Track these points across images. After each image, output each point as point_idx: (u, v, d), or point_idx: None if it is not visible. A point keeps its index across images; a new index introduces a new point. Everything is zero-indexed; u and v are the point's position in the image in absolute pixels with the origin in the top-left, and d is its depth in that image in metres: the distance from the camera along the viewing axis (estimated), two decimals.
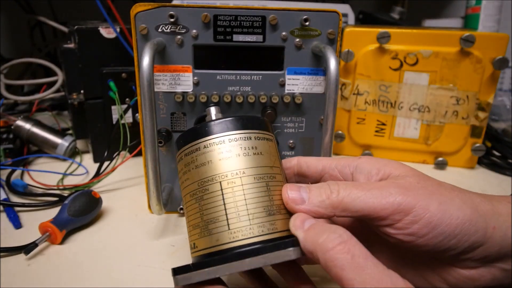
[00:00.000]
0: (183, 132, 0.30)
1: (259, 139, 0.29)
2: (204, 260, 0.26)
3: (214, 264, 0.25)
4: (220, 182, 0.27)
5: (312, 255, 0.24)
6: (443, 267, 0.27)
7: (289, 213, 0.28)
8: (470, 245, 0.25)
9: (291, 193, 0.27)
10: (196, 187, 0.28)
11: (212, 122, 0.29)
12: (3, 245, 0.39)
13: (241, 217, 0.26)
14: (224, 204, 0.27)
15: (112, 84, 0.57)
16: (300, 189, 0.27)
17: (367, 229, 0.29)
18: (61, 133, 0.64)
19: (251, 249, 0.25)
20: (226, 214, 0.26)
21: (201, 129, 0.29)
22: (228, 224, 0.26)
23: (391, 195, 0.25)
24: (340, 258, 0.22)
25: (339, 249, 0.22)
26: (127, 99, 0.59)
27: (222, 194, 0.27)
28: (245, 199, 0.27)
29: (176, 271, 0.27)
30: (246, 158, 0.28)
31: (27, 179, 0.55)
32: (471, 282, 0.27)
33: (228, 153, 0.27)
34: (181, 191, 0.30)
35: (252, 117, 0.30)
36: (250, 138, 0.28)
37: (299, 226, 0.26)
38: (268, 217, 0.27)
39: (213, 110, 0.33)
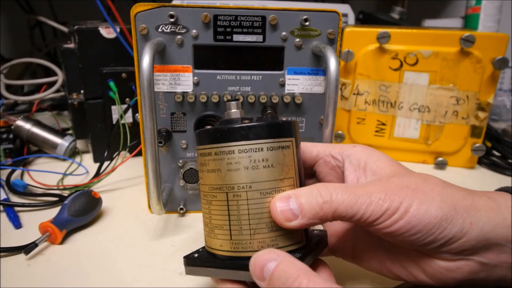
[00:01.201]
0: (202, 129, 0.29)
1: (272, 150, 0.27)
2: (208, 259, 0.29)
3: (215, 267, 0.28)
4: (227, 193, 0.27)
5: None
6: (422, 258, 0.28)
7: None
8: (447, 241, 0.26)
9: (281, 206, 0.26)
10: (207, 190, 0.29)
11: (226, 129, 0.28)
12: (3, 245, 0.39)
13: (243, 231, 0.27)
14: (229, 215, 0.27)
15: (112, 84, 0.57)
16: (289, 201, 0.26)
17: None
18: (61, 133, 0.64)
19: (247, 263, 0.26)
20: (230, 226, 0.27)
21: (214, 134, 0.28)
22: (230, 235, 0.27)
23: (379, 200, 0.26)
24: None
25: None
26: (127, 99, 0.59)
27: (228, 205, 0.27)
28: (248, 214, 0.27)
29: (186, 262, 0.29)
30: (254, 171, 0.27)
31: (27, 179, 0.55)
32: (448, 274, 0.28)
33: (237, 164, 0.27)
34: (199, 184, 0.31)
35: (269, 124, 0.28)
36: (262, 149, 0.27)
37: (260, 277, 0.25)
38: (269, 233, 0.27)
39: (233, 106, 0.31)
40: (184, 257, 0.29)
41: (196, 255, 0.30)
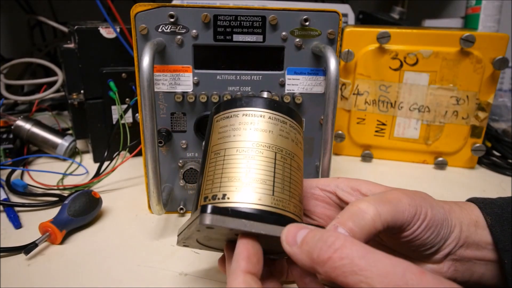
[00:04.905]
0: (246, 96, 0.33)
1: (303, 137, 0.33)
2: (243, 211, 0.26)
3: (254, 220, 0.25)
4: (276, 153, 0.29)
5: (312, 270, 0.23)
6: (414, 263, 0.29)
7: None
8: (441, 239, 0.29)
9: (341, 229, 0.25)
10: (249, 145, 0.30)
11: (287, 105, 0.31)
12: (3, 245, 0.39)
13: (285, 191, 0.29)
14: (274, 172, 0.29)
15: (112, 84, 0.57)
16: (337, 230, 0.26)
17: None
18: (61, 133, 0.64)
19: (288, 218, 0.27)
20: (274, 182, 0.28)
21: (271, 103, 0.31)
22: (273, 190, 0.28)
23: (409, 206, 0.28)
24: (339, 266, 0.21)
25: (335, 257, 0.22)
26: (127, 99, 0.59)
27: (274, 164, 0.29)
28: (290, 178, 0.29)
29: (213, 210, 0.25)
30: (296, 146, 0.31)
31: (27, 179, 0.55)
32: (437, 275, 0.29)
33: (287, 134, 0.31)
34: (217, 145, 0.30)
35: (299, 115, 0.33)
36: (300, 134, 0.33)
37: (292, 243, 0.25)
38: (298, 203, 0.29)
39: (265, 95, 0.37)
40: (207, 206, 0.25)
41: (219, 207, 0.26)
